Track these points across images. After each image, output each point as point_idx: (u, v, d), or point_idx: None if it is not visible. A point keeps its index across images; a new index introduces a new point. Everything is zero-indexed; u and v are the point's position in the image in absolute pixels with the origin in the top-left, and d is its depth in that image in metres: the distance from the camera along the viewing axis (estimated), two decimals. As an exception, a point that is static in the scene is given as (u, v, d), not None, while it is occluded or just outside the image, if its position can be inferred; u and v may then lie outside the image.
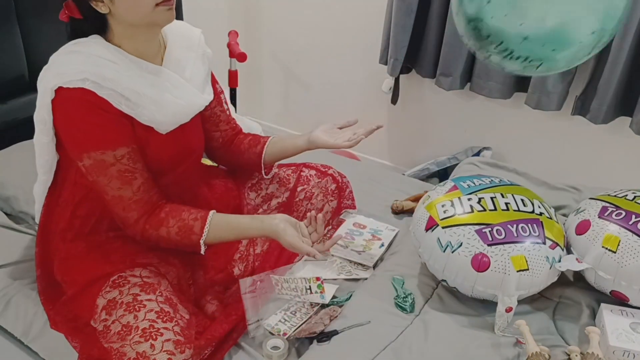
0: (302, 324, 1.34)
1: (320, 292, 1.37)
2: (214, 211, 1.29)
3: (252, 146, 1.55)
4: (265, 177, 1.59)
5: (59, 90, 1.17)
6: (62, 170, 1.32)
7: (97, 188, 1.23)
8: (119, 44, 1.24)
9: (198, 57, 1.40)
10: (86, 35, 1.24)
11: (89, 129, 1.19)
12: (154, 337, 1.12)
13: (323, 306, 1.40)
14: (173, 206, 1.28)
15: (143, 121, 1.24)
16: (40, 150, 1.29)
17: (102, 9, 1.19)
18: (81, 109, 1.18)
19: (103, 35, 1.25)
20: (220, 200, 1.53)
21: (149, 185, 1.25)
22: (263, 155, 1.53)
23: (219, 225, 1.28)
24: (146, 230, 1.25)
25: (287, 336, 1.29)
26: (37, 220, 1.42)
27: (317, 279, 1.36)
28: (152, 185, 1.26)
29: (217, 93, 1.50)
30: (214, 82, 1.50)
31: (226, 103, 1.55)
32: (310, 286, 1.36)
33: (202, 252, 1.28)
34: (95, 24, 1.23)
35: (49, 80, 1.18)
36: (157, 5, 1.18)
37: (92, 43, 1.23)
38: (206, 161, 1.65)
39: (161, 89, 1.26)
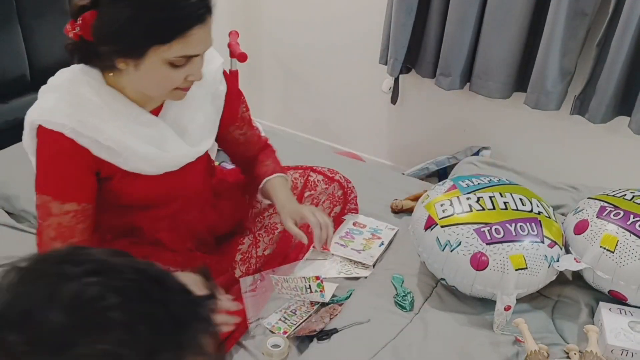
0: (301, 323, 1.34)
1: (320, 291, 1.37)
2: None
3: (257, 177, 1.49)
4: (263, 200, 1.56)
5: (39, 128, 1.13)
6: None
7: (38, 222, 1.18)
8: (122, 86, 1.17)
9: (207, 95, 1.31)
10: (90, 61, 1.16)
11: (48, 173, 1.15)
12: None
13: (323, 305, 1.41)
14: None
15: (127, 168, 1.19)
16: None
17: (120, 64, 1.11)
18: (50, 153, 1.13)
19: (107, 70, 1.16)
20: (228, 220, 1.51)
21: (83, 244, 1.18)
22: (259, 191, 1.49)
23: None
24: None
25: (287, 335, 1.30)
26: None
27: (317, 278, 1.36)
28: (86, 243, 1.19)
29: (242, 115, 1.43)
30: (235, 107, 1.40)
31: (249, 123, 1.47)
32: (310, 285, 1.37)
33: None
34: (105, 64, 1.14)
35: (31, 113, 1.14)
36: (176, 89, 1.15)
37: (85, 82, 1.15)
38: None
39: (148, 142, 1.19)
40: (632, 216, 1.35)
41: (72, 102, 1.13)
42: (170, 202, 1.32)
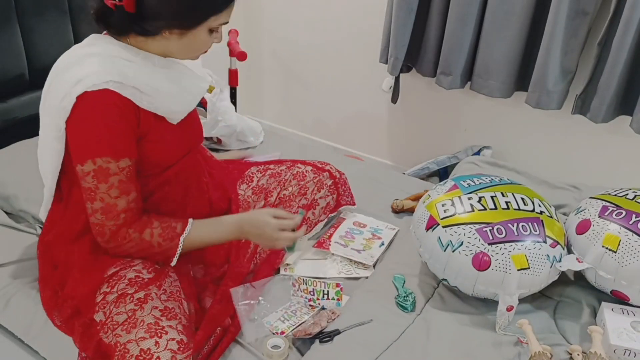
0: (300, 324, 1.34)
1: (337, 299, 1.38)
2: (192, 219, 1.32)
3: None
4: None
5: (83, 96, 1.16)
6: (69, 173, 1.31)
7: (87, 194, 1.22)
8: (142, 47, 1.26)
9: None
10: (121, 32, 1.24)
11: (101, 135, 1.19)
12: (159, 334, 1.12)
13: (323, 307, 1.40)
14: (155, 214, 1.30)
15: (161, 113, 1.27)
16: (51, 158, 1.27)
17: (165, 34, 1.22)
18: (101, 112, 1.18)
19: (129, 37, 1.25)
20: (218, 187, 1.54)
21: (139, 198, 1.27)
22: None
23: (200, 227, 1.31)
24: (129, 234, 1.24)
25: (284, 335, 1.30)
26: (43, 219, 1.42)
27: (337, 285, 1.38)
28: (140, 198, 1.28)
29: None
30: None
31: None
32: (328, 291, 1.38)
33: (175, 258, 1.28)
34: (146, 30, 1.22)
35: (68, 89, 1.17)
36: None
37: (104, 43, 1.24)
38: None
39: (173, 81, 1.30)
40: (634, 216, 1.34)
41: (104, 61, 1.20)
42: (184, 154, 1.38)
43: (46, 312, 1.34)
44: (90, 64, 1.19)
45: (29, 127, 1.96)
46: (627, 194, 1.43)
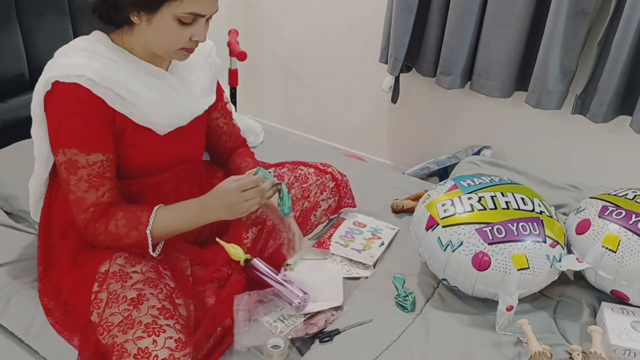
0: (298, 324, 1.34)
1: None
2: (160, 204, 1.29)
3: (234, 172, 1.56)
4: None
5: (55, 84, 1.19)
6: (55, 166, 1.33)
7: (65, 186, 1.25)
8: (130, 46, 1.28)
9: (206, 64, 1.44)
10: (109, 20, 1.26)
11: (70, 127, 1.21)
12: (157, 333, 1.12)
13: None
14: (123, 204, 1.29)
15: (138, 121, 1.26)
16: (37, 143, 1.30)
17: (134, 18, 1.22)
18: (70, 105, 1.20)
19: (119, 31, 1.27)
20: None
21: (113, 192, 1.27)
22: None
23: (165, 213, 1.28)
24: (96, 228, 1.25)
25: (282, 334, 1.30)
26: (33, 216, 1.43)
27: None
28: (115, 193, 1.28)
29: (223, 105, 1.53)
30: (220, 93, 1.53)
31: (230, 116, 1.58)
32: None
33: (150, 247, 1.27)
34: (121, 19, 1.25)
35: (46, 72, 1.20)
36: (181, 48, 1.25)
37: (95, 42, 1.26)
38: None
39: (157, 91, 1.29)
40: (634, 215, 1.34)
41: (86, 56, 1.22)
42: (173, 167, 1.38)
43: (46, 316, 1.34)
44: (71, 56, 1.21)
45: (29, 127, 1.96)
46: (627, 194, 1.43)
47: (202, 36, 1.25)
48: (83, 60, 1.20)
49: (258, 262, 1.40)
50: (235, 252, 1.41)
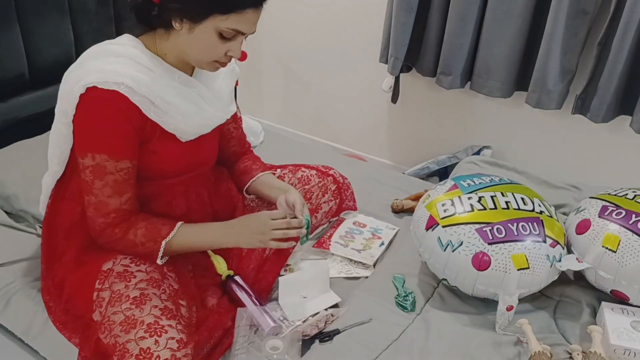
0: (298, 325, 1.33)
1: None
2: (182, 222, 1.31)
3: (243, 173, 1.58)
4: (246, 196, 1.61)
5: (92, 88, 1.18)
6: (72, 163, 1.33)
7: (84, 187, 1.24)
8: (164, 52, 1.28)
9: (228, 71, 1.45)
10: (147, 22, 1.26)
11: (104, 132, 1.21)
12: (159, 333, 1.13)
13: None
14: (145, 214, 1.30)
15: (168, 129, 1.27)
16: (58, 141, 1.30)
17: (176, 24, 1.22)
18: (106, 111, 1.19)
19: (155, 34, 1.27)
20: (221, 200, 1.54)
21: (134, 200, 1.27)
22: (245, 189, 1.57)
23: (186, 230, 1.30)
24: (115, 234, 1.25)
25: (283, 335, 1.29)
26: (41, 211, 1.43)
27: None
28: (135, 200, 1.28)
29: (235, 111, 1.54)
30: (235, 99, 1.53)
31: (240, 122, 1.59)
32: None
33: (159, 258, 1.28)
34: (161, 22, 1.24)
35: (84, 76, 1.19)
36: (215, 61, 1.26)
37: (131, 47, 1.25)
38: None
39: (189, 100, 1.30)
40: (634, 215, 1.34)
41: (125, 63, 1.21)
42: (188, 172, 1.38)
43: (48, 314, 1.34)
44: (110, 62, 1.21)
45: (29, 127, 1.97)
46: (627, 194, 1.43)
47: (238, 53, 1.26)
48: (123, 67, 1.20)
49: (239, 280, 1.39)
50: (219, 265, 1.42)
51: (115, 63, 1.20)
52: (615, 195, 1.44)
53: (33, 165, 1.76)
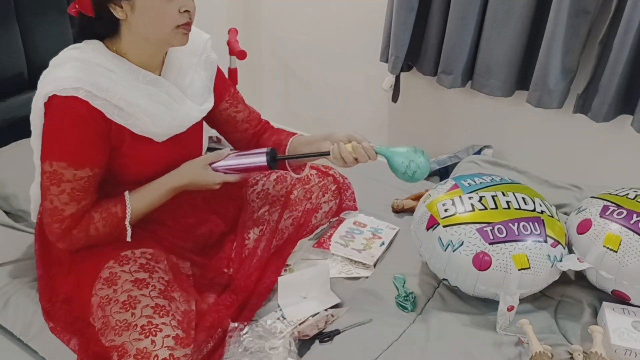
0: (297, 326, 1.33)
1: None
2: (127, 191, 1.29)
3: (276, 142, 1.50)
4: (295, 176, 1.56)
5: (53, 97, 1.17)
6: None
7: (41, 192, 1.22)
8: (124, 52, 1.24)
9: (201, 62, 1.39)
10: (94, 36, 1.24)
11: (63, 140, 1.19)
12: (154, 333, 1.12)
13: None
14: (94, 204, 1.28)
15: (137, 132, 1.25)
16: (36, 153, 1.28)
17: (119, 14, 1.18)
18: (66, 119, 1.17)
19: (108, 40, 1.24)
20: (222, 199, 1.53)
21: (91, 205, 1.25)
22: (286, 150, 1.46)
23: (136, 197, 1.28)
24: (74, 235, 1.24)
25: (282, 335, 1.29)
26: (33, 218, 1.43)
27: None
28: (93, 203, 1.26)
29: (230, 95, 1.48)
30: (224, 84, 1.48)
31: (242, 102, 1.52)
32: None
33: (129, 236, 1.27)
34: (106, 26, 1.22)
35: (44, 87, 1.18)
36: (177, 27, 1.21)
37: (91, 49, 1.23)
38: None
39: (157, 100, 1.26)
40: (635, 215, 1.34)
41: (82, 68, 1.18)
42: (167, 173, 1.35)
43: (45, 320, 1.34)
44: (68, 68, 1.18)
45: (28, 126, 1.95)
46: (628, 194, 1.42)
47: (190, 3, 1.21)
48: (79, 72, 1.17)
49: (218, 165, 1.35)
50: None
51: (73, 69, 1.17)
52: (616, 195, 1.44)
53: (32, 164, 1.75)
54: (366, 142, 1.33)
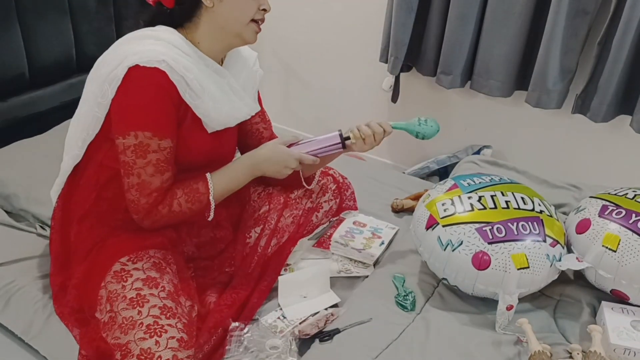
0: (297, 324, 1.34)
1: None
2: (208, 172, 1.33)
3: None
4: (308, 187, 1.60)
5: (135, 67, 1.19)
6: (91, 150, 1.33)
7: (125, 169, 1.23)
8: (197, 40, 1.30)
9: (251, 72, 1.47)
10: (168, 23, 1.29)
11: (148, 110, 1.21)
12: (159, 333, 1.12)
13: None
14: (175, 182, 1.31)
15: (198, 113, 1.28)
16: (87, 125, 1.29)
17: (207, 2, 1.25)
18: (150, 89, 1.20)
19: (181, 28, 1.30)
20: (231, 197, 1.53)
21: (173, 179, 1.28)
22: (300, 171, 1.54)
23: (217, 175, 1.32)
24: (159, 211, 1.26)
25: (283, 334, 1.30)
26: (52, 193, 1.42)
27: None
28: (173, 180, 1.29)
29: (262, 112, 1.56)
30: (260, 101, 1.56)
31: (270, 122, 1.61)
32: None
33: (212, 212, 1.31)
34: (186, 13, 1.28)
35: (124, 58, 1.20)
36: (252, 20, 1.31)
37: (169, 33, 1.27)
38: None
39: (220, 88, 1.32)
40: (634, 215, 1.34)
41: (164, 44, 1.24)
42: (205, 166, 1.37)
43: (53, 302, 1.34)
44: (150, 43, 1.23)
45: (28, 126, 1.97)
46: (627, 193, 1.43)
47: (268, 4, 1.33)
48: (162, 48, 1.22)
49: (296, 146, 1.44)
50: None
51: (155, 44, 1.22)
52: (615, 194, 1.44)
53: (33, 164, 1.76)
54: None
